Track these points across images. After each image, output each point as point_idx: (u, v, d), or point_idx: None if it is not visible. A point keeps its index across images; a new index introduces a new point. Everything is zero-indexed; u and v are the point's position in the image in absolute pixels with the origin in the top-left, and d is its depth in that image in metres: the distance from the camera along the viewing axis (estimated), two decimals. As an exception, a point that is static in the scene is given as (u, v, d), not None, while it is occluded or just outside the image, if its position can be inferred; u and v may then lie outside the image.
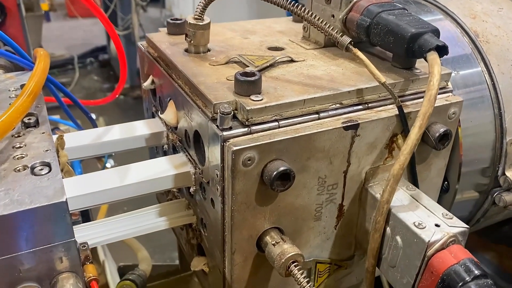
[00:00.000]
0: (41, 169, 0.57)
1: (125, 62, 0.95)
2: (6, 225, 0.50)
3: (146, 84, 0.87)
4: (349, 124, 0.64)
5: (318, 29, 0.67)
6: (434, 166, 0.77)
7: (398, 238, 0.65)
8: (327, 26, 0.67)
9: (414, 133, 0.63)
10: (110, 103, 1.17)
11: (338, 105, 0.66)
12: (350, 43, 0.66)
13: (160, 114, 0.81)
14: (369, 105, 0.68)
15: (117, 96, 1.14)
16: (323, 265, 0.75)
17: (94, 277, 0.63)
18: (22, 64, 0.83)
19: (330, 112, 0.66)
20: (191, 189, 0.74)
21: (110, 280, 1.36)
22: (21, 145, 0.62)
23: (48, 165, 0.58)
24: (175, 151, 0.82)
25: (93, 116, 1.08)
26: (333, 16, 0.77)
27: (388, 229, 0.67)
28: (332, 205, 0.70)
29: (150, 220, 0.77)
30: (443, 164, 0.78)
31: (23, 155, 0.60)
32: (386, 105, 0.69)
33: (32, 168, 0.57)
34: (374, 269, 0.70)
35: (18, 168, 0.57)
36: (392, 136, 0.69)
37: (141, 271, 1.22)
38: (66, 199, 0.52)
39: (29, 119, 0.68)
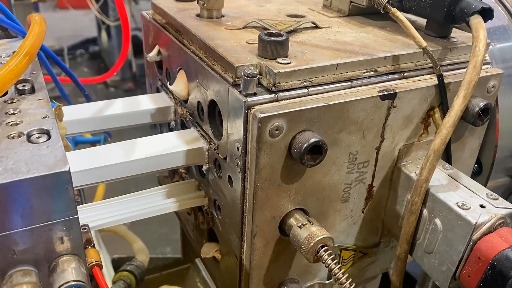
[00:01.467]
0: (39, 137, 0.50)
1: (128, 34, 0.87)
2: (0, 197, 0.42)
3: (152, 55, 0.79)
4: (386, 93, 0.57)
5: (352, -13, 0.60)
6: (468, 145, 0.71)
7: (437, 221, 0.59)
8: (362, -17, 0.60)
9: (458, 103, 0.56)
10: (100, 94, 1.10)
11: (372, 72, 0.59)
12: (388, 1, 0.60)
13: (169, 86, 0.73)
14: (405, 74, 0.62)
15: (113, 75, 1.06)
16: (348, 252, 0.69)
17: (97, 262, 0.56)
18: (13, 29, 0.75)
19: (364, 80, 0.59)
20: (204, 167, 0.67)
21: (106, 272, 1.28)
22: (15, 112, 0.54)
23: (47, 132, 0.50)
24: (183, 128, 0.75)
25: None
26: (360, -20, 0.71)
27: (425, 211, 0.60)
28: (361, 185, 0.63)
29: (157, 202, 0.69)
30: (477, 144, 0.72)
31: (18, 122, 0.52)
32: (423, 74, 0.63)
33: (29, 135, 0.50)
34: (406, 256, 0.63)
35: (12, 135, 0.49)
36: (429, 110, 0.63)
37: (139, 262, 1.14)
38: (69, 168, 0.45)
39: (24, 85, 0.60)
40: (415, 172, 0.62)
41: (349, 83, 0.58)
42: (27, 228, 0.45)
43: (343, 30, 0.69)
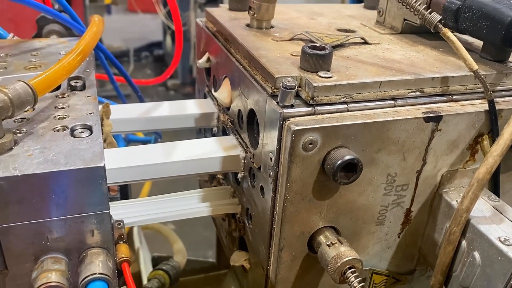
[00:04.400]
0: (82, 132, 0.52)
1: (181, 38, 0.90)
2: (38, 185, 0.45)
3: (201, 61, 0.81)
4: (430, 115, 0.55)
5: (403, 3, 0.59)
6: (520, 177, 0.66)
7: (476, 254, 0.55)
8: (414, 1, 0.58)
9: (509, 132, 0.53)
10: (161, 96, 1.13)
11: (418, 92, 0.57)
12: (440, 21, 0.57)
13: (214, 92, 0.75)
14: (454, 97, 0.59)
15: (166, 78, 1.09)
16: (379, 276, 0.66)
17: (126, 259, 0.57)
18: (75, 29, 0.80)
19: (409, 100, 0.57)
20: (239, 175, 0.67)
21: (143, 268, 1.31)
22: (64, 106, 0.57)
23: (89, 128, 0.53)
24: (224, 134, 0.76)
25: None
26: (415, -2, 0.69)
27: (463, 242, 0.57)
28: (398, 209, 0.61)
29: (192, 205, 0.70)
30: (530, 177, 0.67)
31: (65, 116, 0.55)
32: (473, 99, 0.60)
33: (72, 129, 0.52)
34: (441, 287, 0.60)
35: (57, 128, 0.52)
36: (477, 136, 0.59)
37: (175, 262, 1.16)
38: (104, 164, 0.46)
39: (76, 82, 0.63)
40: (456, 200, 0.59)
41: (392, 101, 0.56)
42: (61, 218, 0.47)
43: (393, 47, 0.67)
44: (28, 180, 0.44)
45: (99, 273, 0.48)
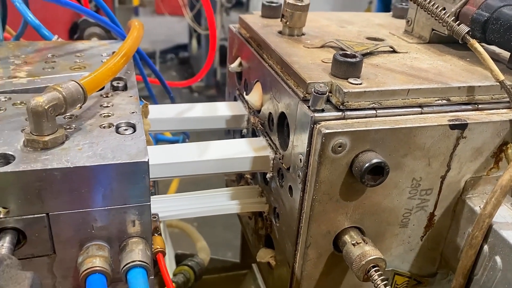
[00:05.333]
0: (126, 129, 0.56)
1: (215, 44, 0.94)
2: (87, 177, 0.49)
3: (233, 66, 0.85)
4: (456, 122, 0.57)
5: (432, 15, 0.61)
6: (544, 186, 0.67)
7: (498, 259, 0.57)
8: (443, 12, 0.60)
9: (533, 141, 0.55)
10: (184, 98, 1.17)
11: (445, 101, 0.59)
12: (468, 32, 0.60)
13: (245, 96, 0.78)
14: (480, 106, 0.61)
15: (197, 81, 1.13)
16: (401, 277, 0.68)
17: (161, 249, 0.61)
18: (115, 32, 0.84)
19: (435, 108, 0.59)
20: (268, 175, 0.70)
21: (168, 264, 1.35)
22: (108, 105, 0.61)
23: (133, 126, 0.57)
24: (254, 136, 0.79)
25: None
26: (444, 9, 0.71)
27: (485, 247, 0.59)
28: (422, 212, 0.63)
29: (221, 202, 0.74)
30: (554, 186, 0.68)
31: (110, 114, 0.59)
32: (499, 108, 0.62)
33: (117, 127, 0.56)
34: (462, 290, 0.62)
35: (103, 125, 0.56)
36: (502, 144, 0.61)
37: (200, 259, 1.20)
38: (148, 159, 0.50)
39: (118, 82, 0.67)
40: (479, 206, 0.61)
41: (419, 109, 0.59)
42: (106, 208, 0.51)
43: (420, 56, 0.69)
44: (79, 171, 0.48)
45: (139, 261, 0.52)
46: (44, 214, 0.49)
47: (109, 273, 0.51)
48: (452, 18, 0.61)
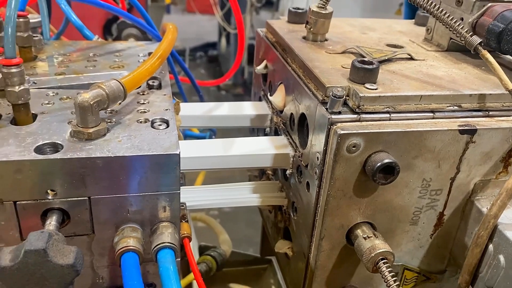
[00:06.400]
0: (160, 125, 0.62)
1: (243, 44, 0.99)
2: (126, 166, 0.55)
3: (259, 68, 0.90)
4: (465, 128, 0.61)
5: (447, 26, 0.65)
6: (553, 192, 0.70)
7: (501, 257, 0.61)
8: (457, 24, 0.64)
9: (539, 147, 0.58)
10: (212, 96, 1.22)
11: (456, 107, 0.63)
12: (480, 43, 0.63)
13: (269, 96, 0.83)
14: (490, 113, 0.64)
15: (226, 80, 1.18)
16: (411, 273, 0.72)
17: (188, 235, 0.66)
18: (151, 34, 0.91)
19: (447, 113, 0.63)
20: (288, 172, 0.75)
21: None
22: (145, 102, 0.68)
23: (166, 122, 0.63)
24: (276, 134, 0.84)
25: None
26: (461, 19, 0.74)
27: (490, 246, 0.62)
28: (432, 211, 0.67)
29: (244, 195, 0.79)
30: None
31: (146, 110, 0.65)
32: (509, 115, 0.65)
33: (152, 122, 0.62)
34: (467, 286, 0.65)
35: (140, 120, 0.62)
36: (510, 150, 0.64)
37: (222, 250, 1.26)
38: (180, 152, 0.56)
39: (153, 81, 0.74)
40: (487, 207, 0.65)
41: (431, 114, 0.63)
42: (141, 194, 0.57)
43: (437, 64, 0.73)
44: (118, 160, 0.54)
45: (168, 242, 0.58)
46: (86, 198, 0.56)
47: (141, 253, 0.57)
48: (466, 29, 0.64)
